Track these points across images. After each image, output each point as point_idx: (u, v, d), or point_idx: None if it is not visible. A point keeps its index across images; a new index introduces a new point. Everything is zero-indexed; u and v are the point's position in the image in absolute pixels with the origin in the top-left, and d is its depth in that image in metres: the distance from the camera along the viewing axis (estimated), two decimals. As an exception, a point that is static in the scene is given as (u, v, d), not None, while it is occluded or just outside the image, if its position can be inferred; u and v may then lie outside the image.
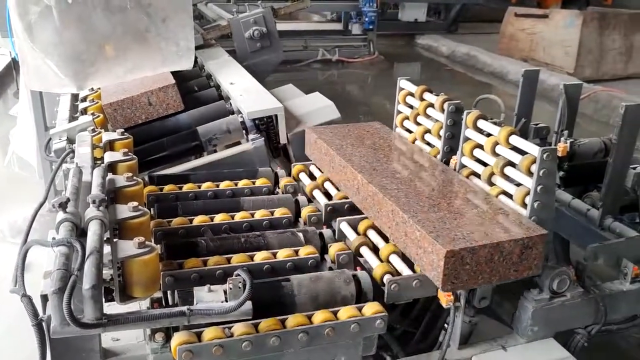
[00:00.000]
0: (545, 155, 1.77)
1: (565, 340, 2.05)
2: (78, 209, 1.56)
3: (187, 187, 2.29)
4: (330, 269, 1.89)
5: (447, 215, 1.82)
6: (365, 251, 1.96)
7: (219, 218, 2.08)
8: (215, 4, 6.33)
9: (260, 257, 1.84)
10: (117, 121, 2.83)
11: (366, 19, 8.89)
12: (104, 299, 1.39)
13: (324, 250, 2.00)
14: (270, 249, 1.90)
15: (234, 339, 1.47)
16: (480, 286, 1.76)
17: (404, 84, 2.55)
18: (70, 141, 2.35)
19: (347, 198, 2.25)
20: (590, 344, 2.06)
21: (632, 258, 2.11)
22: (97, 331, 1.36)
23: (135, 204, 1.64)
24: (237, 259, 1.83)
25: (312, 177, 2.51)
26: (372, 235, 2.03)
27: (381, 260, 1.89)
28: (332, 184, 2.39)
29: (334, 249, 1.93)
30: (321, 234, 2.05)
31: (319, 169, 2.53)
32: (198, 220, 2.06)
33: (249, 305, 1.44)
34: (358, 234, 2.05)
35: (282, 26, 7.76)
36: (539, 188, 1.80)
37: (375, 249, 1.97)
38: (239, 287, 1.47)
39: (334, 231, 2.10)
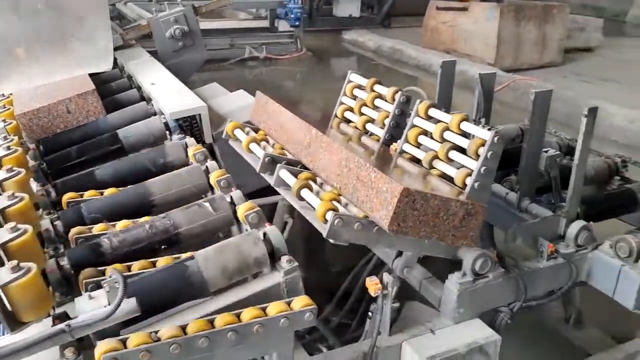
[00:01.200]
0: (495, 139, 1.87)
1: (490, 319, 2.13)
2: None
3: (108, 192, 2.21)
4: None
5: (399, 172, 1.88)
6: (306, 193, 1.96)
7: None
8: (134, 3, 6.18)
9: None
10: (33, 131, 2.69)
11: (292, 16, 8.90)
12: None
13: (236, 214, 1.95)
14: (178, 228, 1.86)
15: (162, 342, 1.44)
16: (421, 238, 1.78)
17: (354, 77, 2.63)
18: (-19, 150, 2.24)
19: (284, 154, 2.29)
20: (513, 321, 2.14)
21: (547, 236, 2.22)
22: None
23: (13, 224, 1.57)
24: (163, 261, 1.79)
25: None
26: (313, 185, 2.04)
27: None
28: (267, 142, 2.42)
29: (242, 209, 1.88)
30: (231, 198, 1.99)
31: (254, 130, 2.56)
32: (121, 224, 2.01)
33: (131, 303, 1.40)
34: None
35: (207, 24, 7.66)
36: (482, 169, 1.89)
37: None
38: (116, 286, 1.42)
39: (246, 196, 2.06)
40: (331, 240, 1.78)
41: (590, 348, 2.80)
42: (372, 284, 1.85)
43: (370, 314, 1.96)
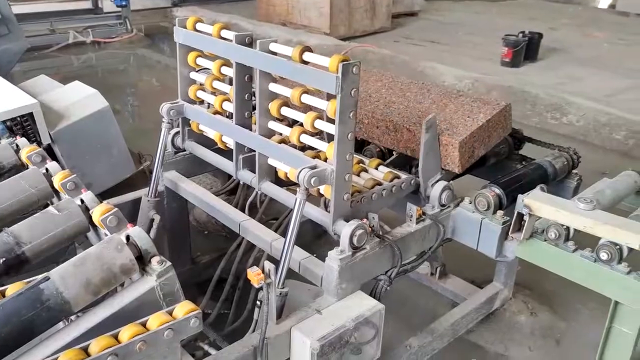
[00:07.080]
0: None
1: (370, 289, 2.16)
2: None
3: None
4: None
5: None
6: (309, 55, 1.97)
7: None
8: None
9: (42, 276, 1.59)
10: None
11: (117, -5, 8.30)
12: None
13: (91, 219, 1.77)
14: (24, 245, 1.64)
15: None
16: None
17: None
18: None
19: None
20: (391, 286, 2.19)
21: (413, 200, 2.29)
22: None
23: None
24: (13, 287, 1.56)
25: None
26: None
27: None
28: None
29: (97, 212, 1.71)
30: (82, 201, 1.80)
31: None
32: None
33: None
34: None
35: (18, 8, 6.90)
36: None
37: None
38: None
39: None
40: None
41: (456, 297, 2.99)
42: (254, 275, 1.77)
43: (258, 302, 1.88)
